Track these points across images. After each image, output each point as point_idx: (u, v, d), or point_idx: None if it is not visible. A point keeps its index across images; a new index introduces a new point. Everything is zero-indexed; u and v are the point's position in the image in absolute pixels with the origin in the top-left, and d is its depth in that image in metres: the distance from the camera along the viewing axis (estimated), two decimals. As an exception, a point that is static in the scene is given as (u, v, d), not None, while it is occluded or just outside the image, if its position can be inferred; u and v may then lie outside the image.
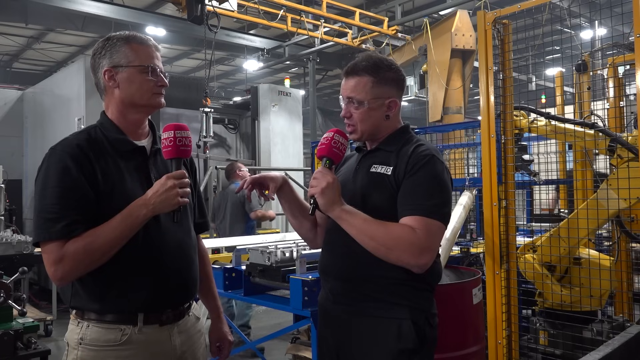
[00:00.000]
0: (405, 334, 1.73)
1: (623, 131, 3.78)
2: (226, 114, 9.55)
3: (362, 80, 1.84)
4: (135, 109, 1.72)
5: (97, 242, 1.54)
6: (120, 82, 1.68)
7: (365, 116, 1.84)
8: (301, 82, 17.93)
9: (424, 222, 1.67)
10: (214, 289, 2.02)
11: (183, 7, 6.61)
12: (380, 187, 1.80)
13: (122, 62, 1.67)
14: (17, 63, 16.98)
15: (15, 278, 3.26)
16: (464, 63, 9.10)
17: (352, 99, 1.85)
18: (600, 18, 9.94)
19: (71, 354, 1.62)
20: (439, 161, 1.78)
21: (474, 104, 15.70)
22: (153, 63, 1.70)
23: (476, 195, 4.51)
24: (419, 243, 1.66)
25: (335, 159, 1.79)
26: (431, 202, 1.70)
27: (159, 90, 1.72)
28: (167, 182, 1.58)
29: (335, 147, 1.78)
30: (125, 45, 1.69)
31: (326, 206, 1.71)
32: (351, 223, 1.71)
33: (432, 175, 1.74)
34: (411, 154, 1.78)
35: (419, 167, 1.74)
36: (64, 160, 1.58)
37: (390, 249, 1.68)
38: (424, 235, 1.66)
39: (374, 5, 12.43)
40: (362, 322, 1.80)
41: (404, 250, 1.66)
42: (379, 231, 1.69)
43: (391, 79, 1.87)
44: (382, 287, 1.77)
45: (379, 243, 1.68)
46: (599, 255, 3.53)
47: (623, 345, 1.56)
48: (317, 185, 1.71)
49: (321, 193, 1.70)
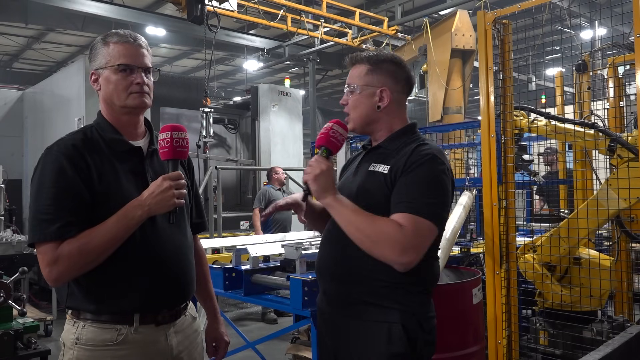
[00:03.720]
0: (396, 338, 1.69)
1: (623, 131, 3.78)
2: (226, 114, 9.56)
3: (358, 67, 1.87)
4: (118, 109, 1.69)
5: (92, 243, 1.53)
6: (101, 84, 1.68)
7: (356, 103, 1.85)
8: (301, 82, 17.93)
9: (412, 220, 1.63)
10: (210, 289, 2.02)
11: (183, 7, 6.60)
12: (375, 186, 1.78)
13: (102, 64, 1.66)
14: (17, 63, 16.99)
15: (15, 278, 3.26)
16: (464, 63, 9.09)
17: (347, 86, 1.88)
18: (600, 18, 9.93)
19: (67, 354, 1.62)
20: (439, 161, 1.74)
21: (474, 104, 15.69)
22: (128, 61, 1.64)
23: (476, 195, 4.52)
24: (404, 240, 1.62)
25: (333, 149, 1.77)
26: (423, 201, 1.66)
27: (136, 88, 1.65)
28: (163, 183, 1.57)
29: (333, 136, 1.76)
30: (103, 45, 1.67)
31: (318, 193, 1.71)
32: (340, 212, 1.70)
33: (428, 174, 1.70)
34: (411, 153, 1.74)
35: (417, 165, 1.71)
36: (60, 160, 1.57)
37: (374, 242, 1.65)
38: (411, 233, 1.62)
39: (374, 5, 12.43)
40: (354, 325, 1.78)
41: (387, 246, 1.63)
42: (366, 223, 1.66)
43: (387, 69, 1.85)
44: (374, 290, 1.73)
45: (365, 235, 1.66)
46: (599, 255, 3.53)
47: (623, 345, 1.56)
48: (311, 172, 1.71)
49: (314, 179, 1.70)
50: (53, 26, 12.77)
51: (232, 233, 7.43)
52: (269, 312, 6.32)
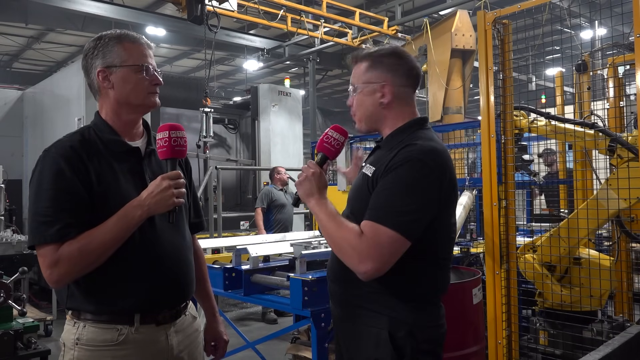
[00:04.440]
0: (382, 344, 1.65)
1: (623, 131, 3.78)
2: (226, 114, 9.56)
3: (359, 66, 1.83)
4: (131, 108, 1.71)
5: (92, 245, 1.53)
6: (114, 83, 1.67)
7: (359, 102, 1.82)
8: (301, 82, 17.93)
9: (373, 229, 1.57)
10: (209, 288, 2.03)
11: (183, 7, 6.60)
12: (359, 189, 1.76)
13: (115, 62, 1.66)
14: (17, 63, 17.00)
15: (15, 278, 3.26)
16: (464, 63, 9.08)
17: (352, 86, 1.84)
18: (600, 18, 9.93)
19: (68, 354, 1.62)
20: (420, 164, 1.60)
21: (474, 104, 15.68)
22: (147, 62, 1.68)
23: (476, 195, 4.52)
24: (360, 249, 1.57)
25: (328, 154, 1.76)
26: (389, 209, 1.58)
27: (153, 89, 1.71)
28: (162, 183, 1.57)
29: (326, 142, 1.76)
30: (117, 44, 1.67)
31: (303, 196, 1.74)
32: (319, 217, 1.70)
33: (402, 179, 1.60)
34: (395, 155, 1.65)
35: (394, 169, 1.62)
36: (58, 162, 1.57)
37: (339, 249, 1.64)
38: (368, 242, 1.56)
39: (374, 5, 12.43)
40: (347, 327, 1.79)
41: (347, 254, 1.61)
42: (334, 229, 1.64)
43: (388, 63, 1.78)
44: (365, 294, 1.71)
45: (332, 241, 1.66)
46: (599, 255, 3.53)
47: (623, 345, 1.56)
48: (298, 177, 1.75)
49: (299, 184, 1.74)
50: (53, 26, 12.77)
51: (232, 233, 7.43)
52: (269, 312, 6.33)
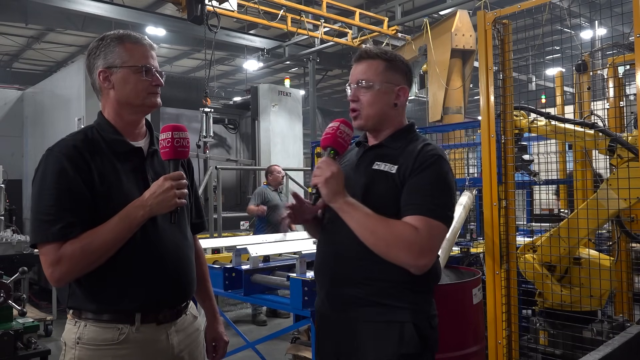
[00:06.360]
0: (408, 337, 1.67)
1: (623, 131, 3.78)
2: (226, 114, 9.56)
3: (374, 63, 1.82)
4: (131, 109, 1.71)
5: (95, 244, 1.54)
6: (115, 83, 1.67)
7: (374, 99, 1.79)
8: (301, 82, 17.93)
9: (427, 223, 1.63)
10: (209, 288, 2.03)
11: (183, 7, 6.60)
12: (383, 186, 1.74)
13: (116, 63, 1.66)
14: (17, 63, 17.00)
15: (15, 278, 3.26)
16: (464, 63, 9.09)
17: (362, 81, 1.80)
18: (600, 18, 9.93)
19: (69, 354, 1.62)
20: (445, 162, 1.74)
21: (474, 104, 15.69)
22: (148, 62, 1.68)
23: (476, 195, 4.52)
24: (420, 243, 1.61)
25: (340, 150, 1.74)
26: (435, 203, 1.66)
27: (154, 89, 1.70)
28: (164, 184, 1.58)
29: (340, 137, 1.73)
30: (118, 45, 1.67)
31: (329, 196, 1.67)
32: (353, 216, 1.67)
33: (438, 176, 1.71)
34: (419, 153, 1.73)
35: (426, 166, 1.70)
36: (61, 161, 1.58)
37: (389, 245, 1.63)
38: (426, 235, 1.62)
39: (374, 5, 12.43)
40: (361, 327, 1.72)
41: (403, 249, 1.62)
42: (381, 226, 1.64)
43: (402, 69, 1.85)
44: (381, 290, 1.70)
45: (379, 238, 1.64)
46: (599, 255, 3.53)
47: (623, 345, 1.56)
48: (321, 174, 1.67)
49: (325, 183, 1.66)
50: (53, 26, 12.78)
51: (232, 233, 7.43)
52: (259, 313, 6.31)
